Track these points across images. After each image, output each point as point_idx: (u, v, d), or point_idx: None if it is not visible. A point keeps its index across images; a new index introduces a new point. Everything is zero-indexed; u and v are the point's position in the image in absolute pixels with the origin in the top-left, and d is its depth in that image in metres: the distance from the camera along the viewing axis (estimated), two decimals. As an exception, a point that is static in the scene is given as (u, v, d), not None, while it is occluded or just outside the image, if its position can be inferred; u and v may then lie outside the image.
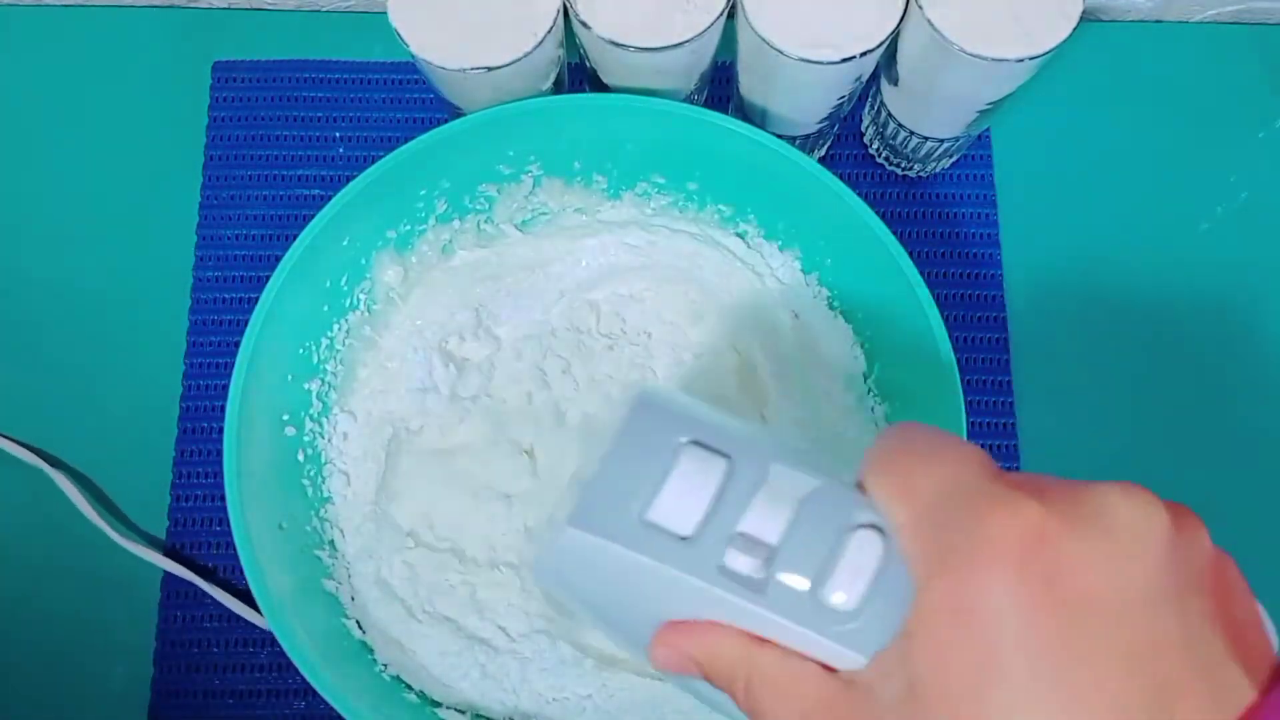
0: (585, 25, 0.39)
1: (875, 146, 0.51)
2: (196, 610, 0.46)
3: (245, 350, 0.39)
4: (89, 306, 0.49)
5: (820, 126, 0.46)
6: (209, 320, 0.49)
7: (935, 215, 0.51)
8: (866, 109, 0.50)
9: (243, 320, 0.40)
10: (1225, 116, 0.53)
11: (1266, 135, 0.52)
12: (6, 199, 0.51)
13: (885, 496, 0.23)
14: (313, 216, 0.41)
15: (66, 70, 0.52)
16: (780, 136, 0.42)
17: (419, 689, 0.42)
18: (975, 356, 0.49)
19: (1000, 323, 0.50)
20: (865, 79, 0.43)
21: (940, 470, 0.22)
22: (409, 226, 0.45)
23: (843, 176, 0.41)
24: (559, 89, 0.44)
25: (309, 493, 0.44)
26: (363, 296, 0.45)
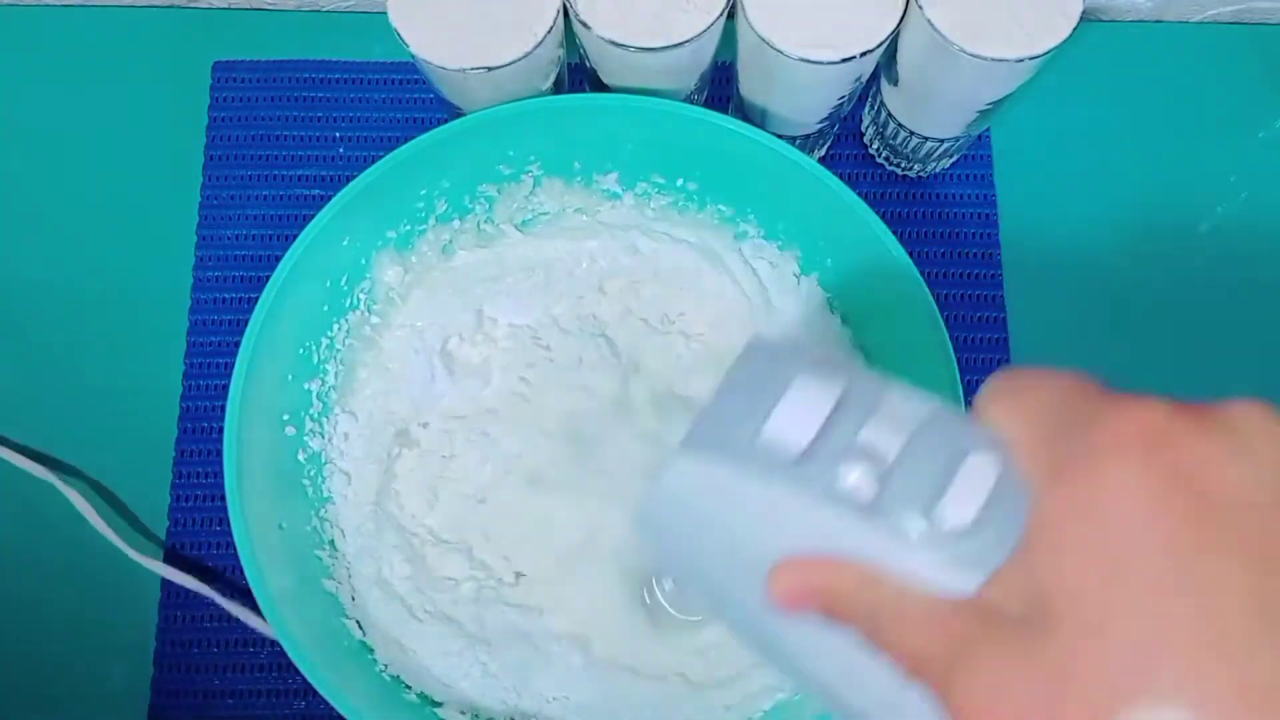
0: (585, 25, 0.39)
1: (875, 146, 0.51)
2: (196, 610, 0.46)
3: (245, 350, 0.39)
4: (89, 306, 0.49)
5: (820, 126, 0.46)
6: (209, 320, 0.49)
7: (935, 215, 0.51)
8: (866, 109, 0.50)
9: (243, 320, 0.40)
10: (1225, 116, 0.53)
11: (1266, 135, 0.52)
12: (6, 199, 0.51)
13: (1000, 416, 0.22)
14: (313, 216, 0.41)
15: (66, 70, 0.52)
16: (780, 136, 0.42)
17: (419, 689, 0.42)
18: (975, 356, 0.49)
19: (1000, 323, 0.50)
20: (865, 79, 0.43)
21: (1055, 385, 0.21)
22: (409, 226, 0.45)
23: (843, 176, 0.41)
24: (559, 89, 0.44)
25: (309, 493, 0.44)
26: (363, 296, 0.45)
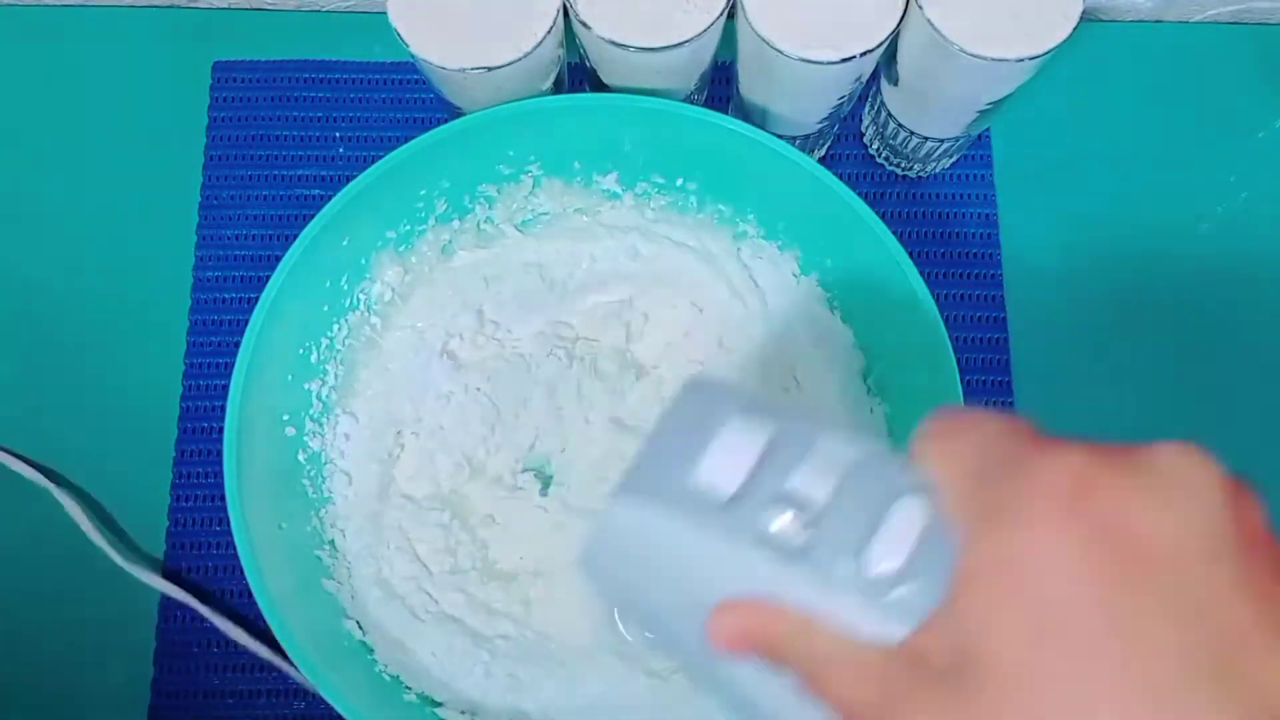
0: (585, 25, 0.39)
1: (875, 146, 0.51)
2: (197, 610, 0.46)
3: (245, 350, 0.39)
4: (89, 307, 0.49)
5: (820, 126, 0.46)
6: (209, 320, 0.49)
7: (935, 215, 0.51)
8: (866, 109, 0.50)
9: (243, 320, 0.40)
10: (1225, 116, 0.53)
11: (1266, 135, 0.52)
12: (6, 199, 0.51)
13: (929, 462, 0.22)
14: (313, 216, 0.41)
15: (66, 70, 0.52)
16: (780, 136, 0.42)
17: (419, 689, 0.42)
18: (975, 356, 0.49)
19: (1000, 323, 0.50)
20: (865, 79, 0.43)
21: (984, 430, 0.21)
22: (409, 226, 0.45)
23: (843, 176, 0.41)
24: (559, 89, 0.44)
25: (309, 493, 0.44)
26: (363, 296, 0.45)
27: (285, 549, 0.41)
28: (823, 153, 0.51)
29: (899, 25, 0.39)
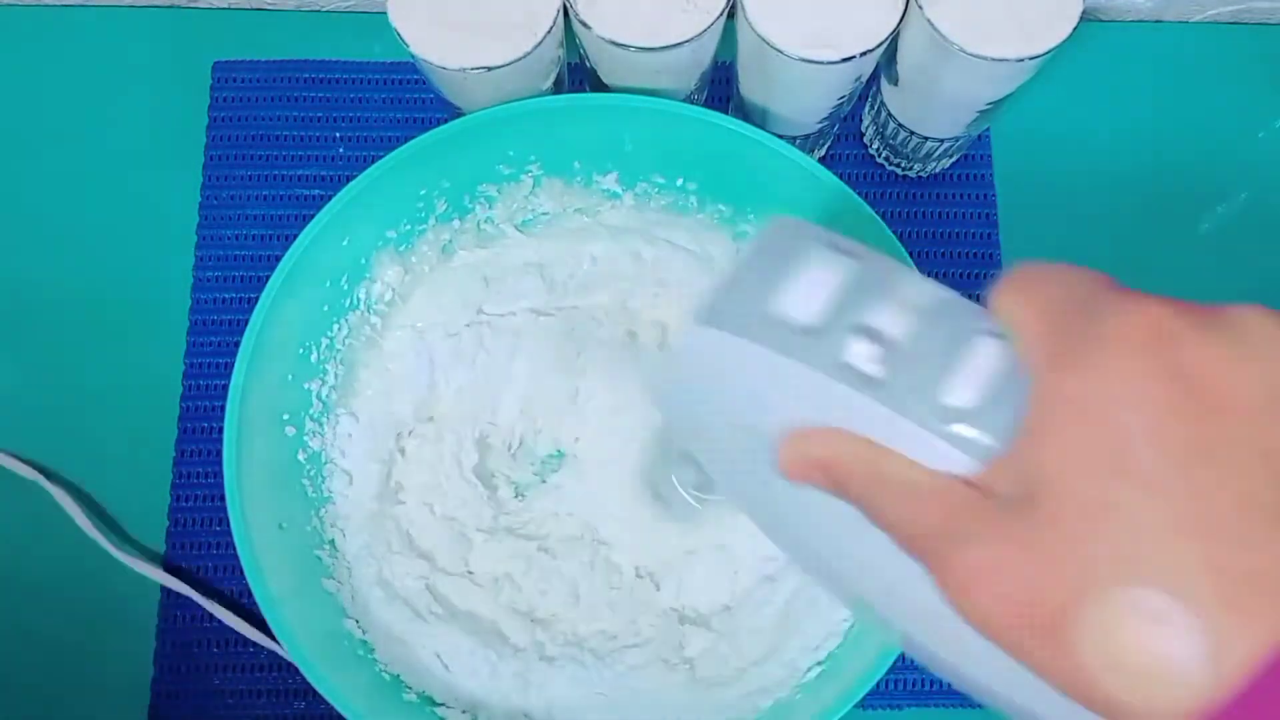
0: (585, 25, 0.39)
1: (875, 146, 0.51)
2: (196, 610, 0.46)
3: (245, 350, 0.39)
4: (89, 307, 0.49)
5: (820, 126, 0.46)
6: (209, 320, 0.49)
7: (935, 215, 0.51)
8: (866, 109, 0.50)
9: (243, 320, 0.40)
10: (1225, 116, 0.53)
11: (1266, 135, 0.52)
12: (6, 199, 0.51)
13: (1010, 306, 0.22)
14: (313, 216, 0.41)
15: (66, 70, 0.52)
16: (780, 136, 0.42)
17: (419, 689, 0.42)
18: (975, 356, 0.49)
19: (1000, 323, 0.50)
20: (865, 79, 0.43)
21: (1064, 278, 0.22)
22: (409, 226, 0.45)
23: (843, 176, 0.41)
24: (559, 89, 0.44)
25: (309, 493, 0.44)
26: (363, 296, 0.45)
27: (285, 549, 0.41)
28: (823, 153, 0.51)
29: (899, 25, 0.39)
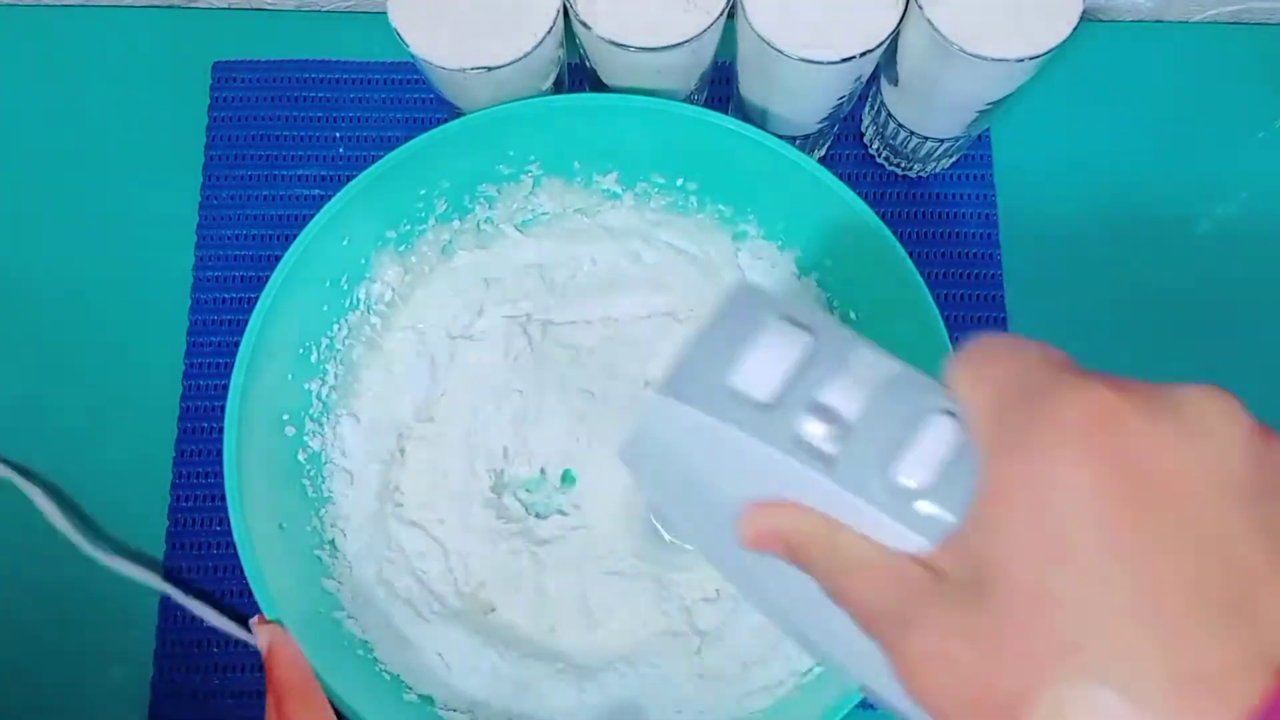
0: (585, 25, 0.39)
1: (875, 146, 0.51)
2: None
3: (245, 350, 0.39)
4: (89, 307, 0.49)
5: (820, 126, 0.46)
6: (209, 320, 0.49)
7: (935, 215, 0.51)
8: (866, 109, 0.50)
9: (243, 320, 0.40)
10: (1225, 116, 0.53)
11: (1266, 135, 0.52)
12: (6, 199, 0.51)
13: (961, 385, 0.22)
14: (313, 216, 0.41)
15: (66, 70, 0.52)
16: (780, 136, 0.42)
17: (419, 689, 0.42)
18: (975, 356, 0.49)
19: (1000, 323, 0.50)
20: (865, 79, 0.43)
21: (1017, 358, 0.22)
22: (409, 226, 0.45)
23: (843, 176, 0.41)
24: (559, 89, 0.44)
25: (309, 493, 0.44)
26: (363, 296, 0.45)
27: (285, 549, 0.41)
28: (823, 153, 0.51)
29: (899, 25, 0.39)
